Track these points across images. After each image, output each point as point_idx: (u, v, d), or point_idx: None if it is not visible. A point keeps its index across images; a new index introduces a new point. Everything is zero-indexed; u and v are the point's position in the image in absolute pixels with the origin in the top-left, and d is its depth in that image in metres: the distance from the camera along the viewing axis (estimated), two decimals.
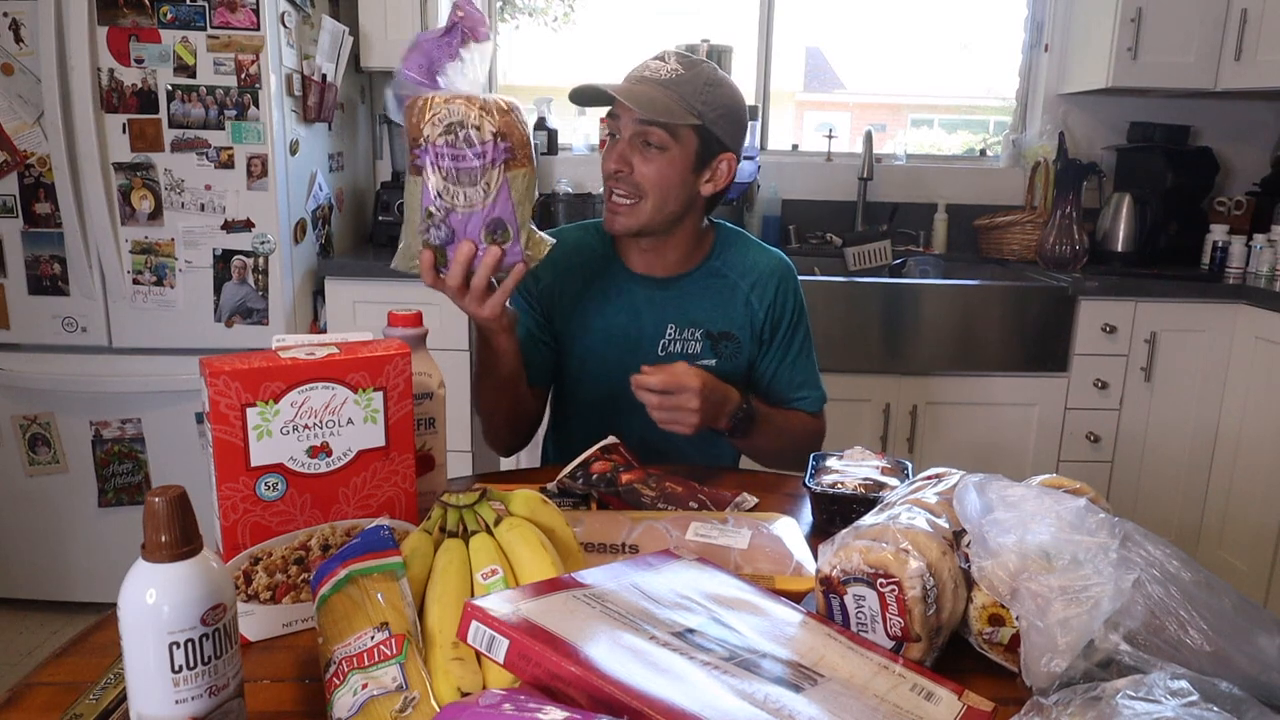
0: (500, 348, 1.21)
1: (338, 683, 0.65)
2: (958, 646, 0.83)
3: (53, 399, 2.36)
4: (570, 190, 2.94)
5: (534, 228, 1.06)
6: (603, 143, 1.35)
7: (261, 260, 2.31)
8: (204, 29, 2.16)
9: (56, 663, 0.77)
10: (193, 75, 2.19)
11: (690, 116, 1.24)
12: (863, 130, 3.07)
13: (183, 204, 2.26)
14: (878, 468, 1.11)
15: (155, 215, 2.26)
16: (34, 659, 2.29)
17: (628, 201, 1.28)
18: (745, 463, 1.48)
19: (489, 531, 0.80)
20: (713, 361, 1.37)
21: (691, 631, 0.69)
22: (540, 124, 3.02)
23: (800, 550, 0.95)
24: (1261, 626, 0.69)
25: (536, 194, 1.07)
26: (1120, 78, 2.73)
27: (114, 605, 0.60)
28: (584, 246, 1.40)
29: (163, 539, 0.57)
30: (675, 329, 1.37)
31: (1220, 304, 2.56)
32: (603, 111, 1.32)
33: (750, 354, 1.41)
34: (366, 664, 0.65)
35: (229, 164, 2.24)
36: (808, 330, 1.45)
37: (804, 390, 1.43)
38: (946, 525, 0.81)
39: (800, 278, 1.45)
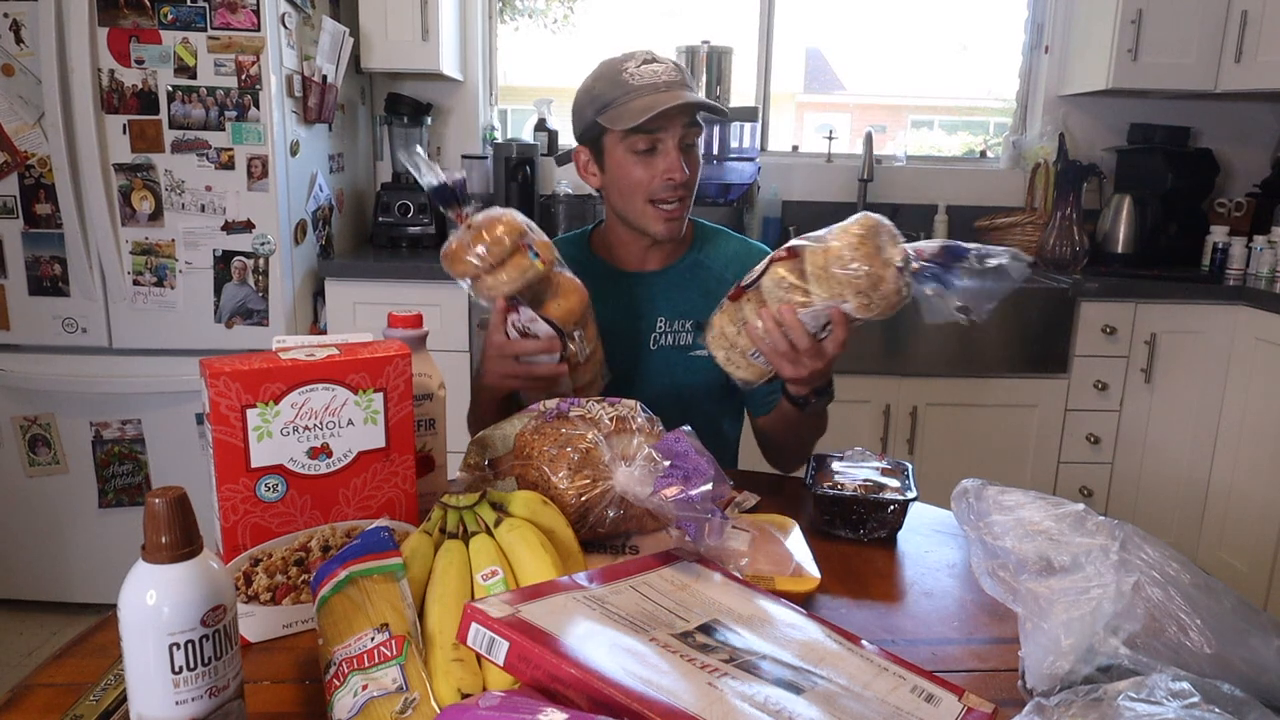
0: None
1: (338, 684, 0.65)
2: (958, 648, 0.83)
3: (53, 400, 2.36)
4: (570, 191, 2.94)
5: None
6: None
7: (262, 261, 2.31)
8: (204, 30, 2.17)
9: (56, 664, 0.77)
10: (193, 76, 2.19)
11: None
12: (863, 131, 3.07)
13: (183, 205, 2.26)
14: (878, 469, 1.11)
15: (156, 216, 2.26)
16: (34, 660, 2.29)
17: (682, 205, 1.30)
18: (744, 462, 1.48)
19: (489, 533, 0.80)
20: (705, 351, 1.37)
21: (691, 633, 0.69)
22: (540, 125, 3.02)
23: (800, 551, 0.95)
24: (1260, 629, 0.69)
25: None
26: (1120, 79, 2.73)
27: (114, 606, 0.60)
28: (566, 257, 1.41)
29: (163, 540, 0.57)
30: (665, 321, 1.38)
31: (1220, 305, 2.56)
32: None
33: None
34: (367, 665, 0.65)
35: (229, 165, 2.24)
36: None
37: None
38: None
39: None
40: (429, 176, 1.08)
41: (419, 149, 1.09)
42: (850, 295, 1.01)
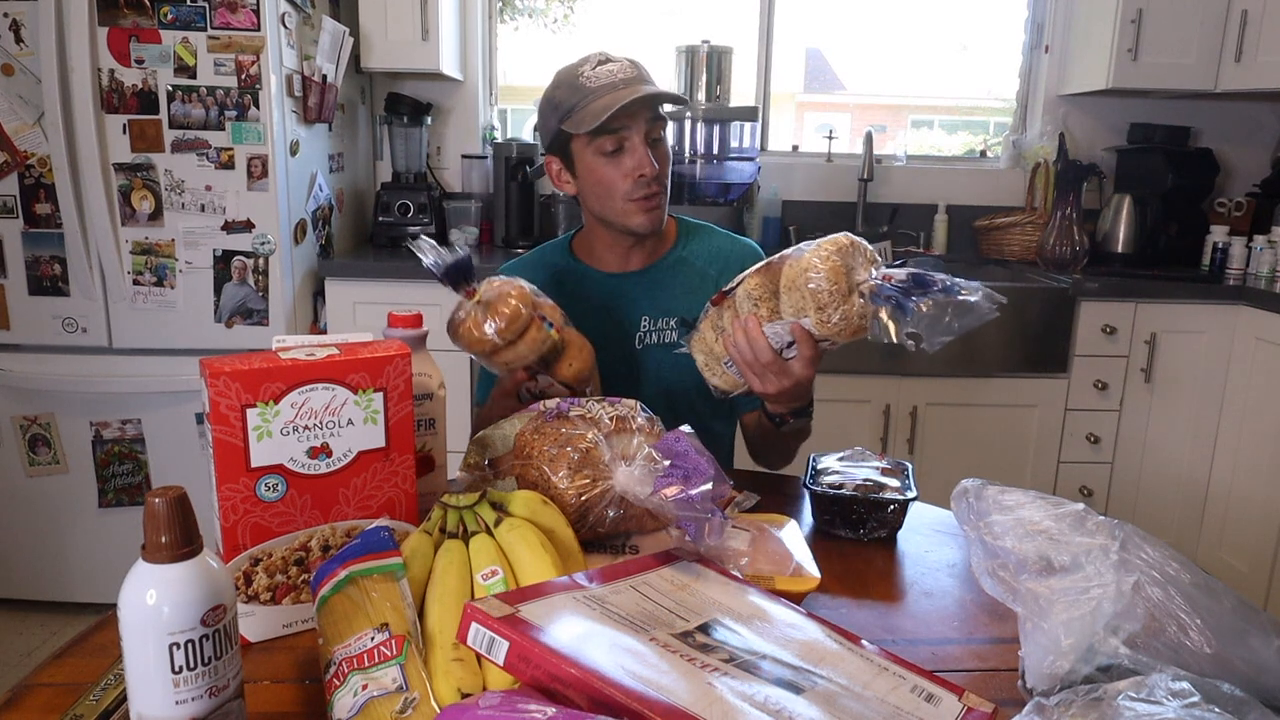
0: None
1: (338, 684, 0.65)
2: (958, 648, 0.83)
3: (53, 399, 2.36)
4: None
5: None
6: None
7: (262, 261, 2.31)
8: (204, 29, 2.17)
9: (56, 663, 0.77)
10: (193, 76, 2.19)
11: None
12: (863, 131, 3.07)
13: (183, 205, 2.26)
14: (878, 468, 1.11)
15: (155, 216, 2.26)
16: (34, 660, 2.29)
17: (659, 197, 1.31)
18: (738, 462, 1.48)
19: (489, 532, 0.80)
20: (689, 350, 1.37)
21: (691, 633, 0.69)
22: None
23: (800, 551, 0.95)
24: (1260, 629, 0.69)
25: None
26: (1120, 79, 2.73)
27: (114, 606, 0.60)
28: (550, 265, 1.42)
29: (163, 540, 0.57)
30: (650, 320, 1.38)
31: (1220, 305, 2.56)
32: None
33: None
34: (367, 665, 0.65)
35: (229, 165, 2.24)
36: None
37: None
38: None
39: None
40: (434, 259, 1.08)
41: (422, 237, 1.09)
42: (812, 311, 1.00)
